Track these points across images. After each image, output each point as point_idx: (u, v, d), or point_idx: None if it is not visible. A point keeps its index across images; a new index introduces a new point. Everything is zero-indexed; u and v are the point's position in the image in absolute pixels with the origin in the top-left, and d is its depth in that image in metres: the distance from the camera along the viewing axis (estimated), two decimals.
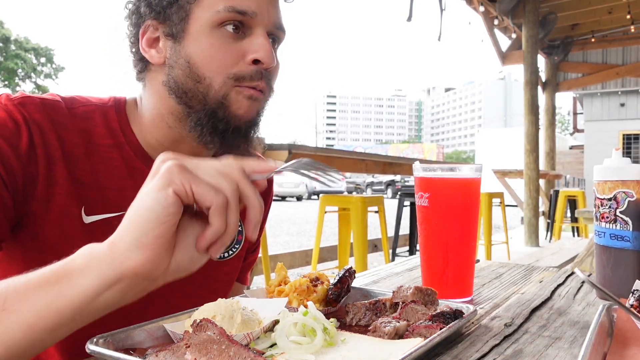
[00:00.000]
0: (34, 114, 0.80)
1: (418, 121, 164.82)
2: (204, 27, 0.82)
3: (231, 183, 0.55)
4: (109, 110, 0.89)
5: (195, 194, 0.53)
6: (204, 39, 0.82)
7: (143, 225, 0.52)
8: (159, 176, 0.54)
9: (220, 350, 0.55)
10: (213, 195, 0.54)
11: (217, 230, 0.55)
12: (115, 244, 0.54)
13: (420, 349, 0.59)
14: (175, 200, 0.53)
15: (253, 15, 0.82)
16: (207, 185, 0.54)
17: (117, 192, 0.86)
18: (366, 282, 1.09)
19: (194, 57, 0.83)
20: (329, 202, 3.73)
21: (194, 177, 0.54)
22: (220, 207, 0.54)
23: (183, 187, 0.53)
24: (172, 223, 0.53)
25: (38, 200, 0.80)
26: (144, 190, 0.55)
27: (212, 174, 0.55)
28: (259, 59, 0.83)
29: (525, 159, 7.45)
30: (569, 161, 17.88)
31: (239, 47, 0.83)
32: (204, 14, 0.82)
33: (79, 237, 0.83)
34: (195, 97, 0.84)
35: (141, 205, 0.53)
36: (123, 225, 0.55)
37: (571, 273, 1.17)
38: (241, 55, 0.83)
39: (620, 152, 0.92)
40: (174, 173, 0.53)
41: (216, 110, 0.84)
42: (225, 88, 0.83)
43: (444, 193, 0.92)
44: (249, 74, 0.83)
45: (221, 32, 0.82)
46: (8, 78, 32.21)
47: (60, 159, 0.82)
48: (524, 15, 7.65)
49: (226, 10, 0.81)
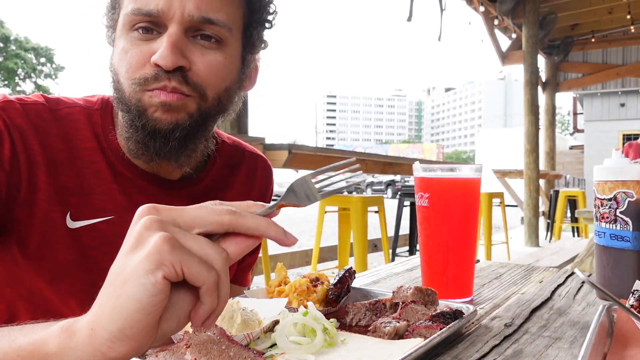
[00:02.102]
0: (16, 119, 0.80)
1: (418, 121, 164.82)
2: (120, 31, 0.81)
3: (221, 252, 0.49)
4: (94, 113, 0.88)
5: (187, 275, 0.46)
6: (120, 44, 0.81)
7: (128, 317, 0.45)
8: (145, 254, 0.45)
9: (220, 350, 0.55)
10: (205, 275, 0.47)
11: (210, 308, 0.49)
12: (95, 332, 0.46)
13: (420, 349, 0.59)
14: (165, 286, 0.45)
15: (160, 14, 0.77)
16: (199, 264, 0.46)
17: (103, 196, 0.85)
18: (366, 282, 1.09)
19: (115, 64, 0.82)
20: (329, 202, 3.73)
21: (185, 255, 0.46)
22: (213, 286, 0.47)
23: (174, 270, 0.45)
24: (160, 309, 0.46)
25: (21, 206, 0.79)
26: (129, 264, 0.46)
27: (201, 244, 0.48)
28: (156, 62, 0.78)
29: (525, 159, 7.45)
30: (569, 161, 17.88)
31: (147, 50, 0.79)
32: (121, 17, 0.81)
33: (64, 242, 0.82)
34: (118, 100, 0.82)
35: (125, 292, 0.45)
36: (104, 309, 0.46)
37: (571, 273, 1.17)
38: (148, 58, 0.79)
39: (620, 152, 0.92)
40: (163, 253, 0.45)
41: (134, 118, 0.81)
42: (134, 94, 0.80)
43: (444, 193, 0.92)
44: (152, 75, 0.78)
45: (132, 35, 0.80)
46: (8, 78, 32.21)
47: (43, 164, 0.81)
48: (524, 15, 7.65)
49: (132, 14, 0.78)
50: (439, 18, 6.56)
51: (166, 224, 0.47)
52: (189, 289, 0.48)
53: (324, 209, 3.68)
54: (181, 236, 0.47)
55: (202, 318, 0.49)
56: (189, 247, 0.47)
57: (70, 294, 0.84)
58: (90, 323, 0.47)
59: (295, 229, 10.54)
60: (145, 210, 0.49)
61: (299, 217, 13.33)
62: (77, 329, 0.47)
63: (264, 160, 1.11)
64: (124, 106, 0.81)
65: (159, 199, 0.90)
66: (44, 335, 0.49)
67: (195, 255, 0.47)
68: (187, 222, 0.49)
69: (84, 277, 0.84)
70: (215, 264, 0.48)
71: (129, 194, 0.88)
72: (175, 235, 0.47)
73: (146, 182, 0.89)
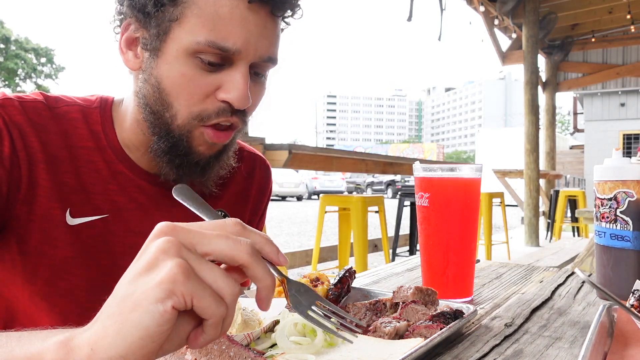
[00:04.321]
0: (15, 117, 0.80)
1: (418, 121, 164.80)
2: (180, 52, 0.77)
3: (234, 286, 0.47)
4: (93, 112, 0.88)
5: (196, 307, 0.44)
6: (177, 65, 0.78)
7: (132, 344, 0.43)
8: (158, 281, 0.43)
9: (221, 350, 0.55)
10: (214, 310, 0.45)
11: (211, 339, 0.47)
12: (95, 352, 0.44)
13: (421, 349, 0.59)
14: (173, 316, 0.43)
15: (236, 52, 0.77)
16: (210, 298, 0.45)
17: (100, 195, 0.86)
18: (366, 282, 1.09)
19: (164, 82, 0.79)
20: (329, 202, 3.73)
21: (198, 287, 0.44)
22: (219, 320, 0.46)
23: (184, 300, 0.43)
24: (165, 337, 0.44)
25: (21, 203, 0.80)
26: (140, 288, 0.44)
27: (215, 276, 0.46)
28: (229, 102, 0.79)
29: (526, 159, 7.45)
30: (569, 161, 17.88)
31: (212, 82, 0.78)
32: (183, 38, 0.76)
33: (63, 238, 0.83)
34: (160, 122, 0.82)
35: (132, 318, 0.43)
36: (107, 331, 0.44)
37: (571, 273, 1.17)
38: (212, 90, 0.79)
39: (620, 152, 0.92)
40: (177, 283, 0.43)
41: (177, 143, 0.81)
42: (188, 126, 0.80)
43: (444, 193, 0.92)
44: (215, 111, 0.80)
45: (196, 62, 0.77)
46: (8, 78, 32.22)
47: (42, 161, 0.81)
48: (524, 15, 7.65)
49: (206, 44, 0.75)
50: (439, 18, 6.55)
51: (183, 250, 0.45)
52: (192, 314, 0.46)
53: (324, 209, 3.68)
54: (197, 264, 0.45)
55: (200, 345, 0.47)
56: (202, 277, 0.45)
57: (67, 292, 0.84)
58: (91, 343, 0.44)
59: (295, 229, 10.54)
60: (164, 230, 0.46)
61: (299, 217, 13.33)
62: (75, 345, 0.45)
63: (262, 160, 1.11)
64: (165, 130, 0.81)
65: (158, 198, 0.90)
66: (41, 350, 0.47)
67: (208, 288, 0.45)
68: (205, 249, 0.47)
69: (82, 274, 0.84)
70: (226, 298, 0.46)
71: (128, 193, 0.88)
72: (190, 262, 0.45)
73: (146, 182, 0.89)
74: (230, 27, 0.76)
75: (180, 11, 0.76)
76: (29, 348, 0.48)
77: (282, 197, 22.95)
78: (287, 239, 8.90)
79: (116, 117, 0.89)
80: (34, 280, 0.83)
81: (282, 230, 10.28)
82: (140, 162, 0.89)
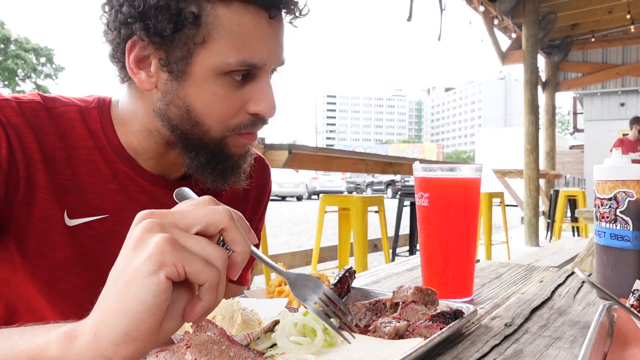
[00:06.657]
0: (12, 118, 0.80)
1: (418, 121, 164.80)
2: (209, 74, 0.78)
3: (221, 251, 0.49)
4: (91, 112, 0.88)
5: (189, 274, 0.46)
6: (207, 87, 0.79)
7: (132, 318, 0.45)
8: (147, 255, 0.45)
9: (221, 350, 0.55)
10: (207, 273, 0.47)
11: (208, 306, 0.49)
12: (99, 336, 0.46)
13: (421, 349, 0.59)
14: (168, 286, 0.45)
15: (262, 66, 0.81)
16: (200, 263, 0.47)
17: (99, 195, 0.86)
18: (366, 282, 1.09)
19: (194, 103, 0.80)
20: (329, 202, 3.73)
21: (187, 254, 0.47)
22: (214, 284, 0.48)
23: (176, 269, 0.46)
24: (164, 309, 0.46)
25: (20, 204, 0.80)
26: (131, 266, 0.46)
27: (202, 244, 0.48)
28: (261, 113, 0.83)
29: (526, 159, 7.45)
30: (569, 161, 17.87)
31: (242, 96, 0.82)
32: (211, 59, 0.77)
33: (62, 240, 0.83)
34: (191, 136, 0.83)
35: (129, 293, 0.45)
36: (107, 312, 0.46)
37: (571, 273, 1.17)
38: (243, 104, 0.82)
39: (620, 152, 0.92)
40: (165, 253, 0.45)
41: (216, 152, 0.84)
42: (223, 137, 0.84)
43: (444, 193, 0.92)
44: (248, 124, 0.84)
45: (226, 80, 0.79)
46: (8, 78, 32.21)
47: (40, 162, 0.81)
48: (524, 15, 7.65)
49: (238, 64, 0.78)
50: (439, 18, 6.55)
51: (166, 226, 0.48)
52: (185, 286, 0.49)
53: (324, 208, 3.68)
54: (181, 237, 0.48)
55: (197, 315, 0.49)
56: (189, 247, 0.47)
57: (67, 293, 0.84)
58: (93, 327, 0.46)
59: (295, 229, 10.54)
60: (144, 215, 0.49)
61: (299, 217, 13.33)
62: (79, 333, 0.47)
63: (261, 160, 1.11)
64: (200, 145, 0.83)
65: (159, 198, 0.90)
66: (45, 341, 0.48)
67: (197, 255, 0.47)
68: (186, 223, 0.49)
69: (82, 275, 0.84)
70: (216, 263, 0.48)
71: (128, 192, 0.88)
72: (175, 236, 0.47)
73: (147, 182, 0.89)
74: (256, 44, 0.79)
75: (205, 33, 0.76)
76: (34, 340, 0.49)
77: (282, 197, 22.95)
78: (287, 239, 8.89)
79: (115, 117, 0.89)
80: (33, 281, 0.83)
81: (282, 230, 10.28)
82: (145, 164, 0.90)
